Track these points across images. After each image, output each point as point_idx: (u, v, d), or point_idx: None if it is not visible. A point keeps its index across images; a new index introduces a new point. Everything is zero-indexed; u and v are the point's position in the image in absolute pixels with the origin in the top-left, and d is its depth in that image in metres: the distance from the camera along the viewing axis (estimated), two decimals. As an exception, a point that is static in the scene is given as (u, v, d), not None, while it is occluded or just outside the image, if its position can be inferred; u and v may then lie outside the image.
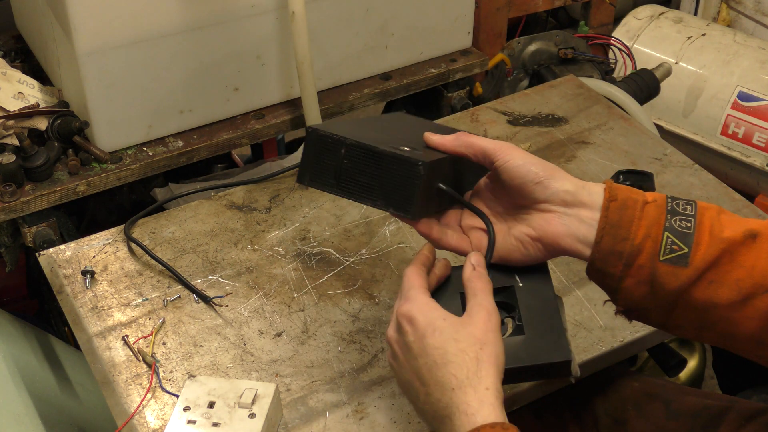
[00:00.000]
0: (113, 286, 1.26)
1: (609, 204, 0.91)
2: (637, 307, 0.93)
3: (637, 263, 0.90)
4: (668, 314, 0.92)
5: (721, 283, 0.88)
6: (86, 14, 1.36)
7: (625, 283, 0.91)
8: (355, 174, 0.92)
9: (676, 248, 0.89)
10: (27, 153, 1.41)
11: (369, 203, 0.92)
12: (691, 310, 0.91)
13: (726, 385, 1.47)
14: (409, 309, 0.87)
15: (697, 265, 0.88)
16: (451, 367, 0.83)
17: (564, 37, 2.04)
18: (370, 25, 1.64)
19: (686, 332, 0.95)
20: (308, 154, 0.93)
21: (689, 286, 0.89)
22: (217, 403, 1.03)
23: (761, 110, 2.14)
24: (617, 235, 0.90)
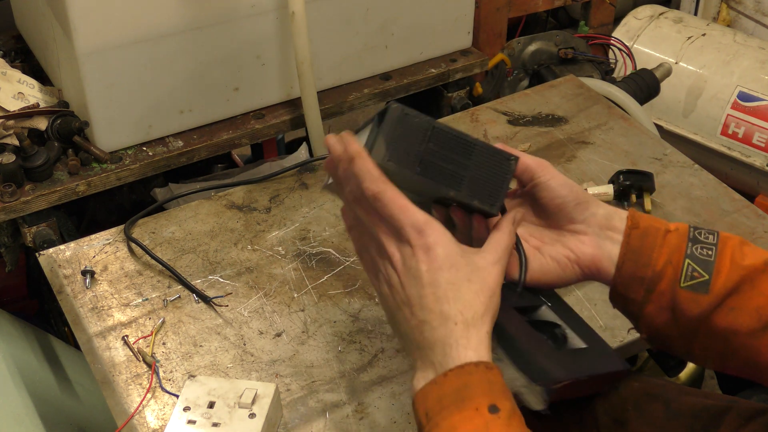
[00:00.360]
0: (113, 286, 1.26)
1: (631, 231, 0.93)
2: (660, 334, 0.95)
3: (658, 289, 0.91)
4: (691, 342, 0.93)
5: (742, 310, 0.89)
6: (86, 14, 1.36)
7: (646, 309, 0.93)
8: (440, 160, 0.87)
9: (697, 275, 0.90)
10: (27, 153, 1.41)
11: (452, 192, 0.88)
12: (713, 338, 0.92)
13: (726, 385, 1.47)
14: (426, 238, 0.83)
15: (717, 292, 0.89)
16: (460, 304, 0.83)
17: (564, 37, 2.04)
18: (370, 25, 1.64)
19: (712, 362, 0.96)
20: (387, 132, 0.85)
21: (710, 312, 0.90)
22: (217, 403, 1.03)
23: (761, 110, 2.14)
24: (638, 261, 0.92)
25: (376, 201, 0.84)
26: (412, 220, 0.83)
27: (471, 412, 0.79)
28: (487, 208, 0.89)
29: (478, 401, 0.80)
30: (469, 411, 0.79)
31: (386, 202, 0.84)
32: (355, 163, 0.84)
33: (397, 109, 0.85)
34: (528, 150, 1.51)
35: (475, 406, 0.79)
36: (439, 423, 0.80)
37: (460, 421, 0.79)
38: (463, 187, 0.88)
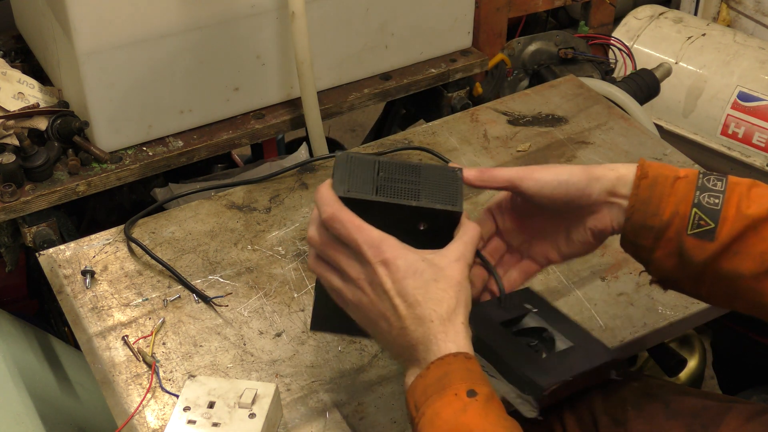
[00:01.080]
0: (113, 286, 1.26)
1: (640, 182, 0.96)
2: (669, 277, 0.98)
3: (666, 236, 0.95)
4: (698, 284, 0.97)
5: (746, 255, 0.93)
6: (86, 14, 1.36)
7: (655, 254, 0.96)
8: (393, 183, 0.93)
9: (704, 223, 0.93)
10: (27, 153, 1.41)
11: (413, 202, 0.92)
12: (719, 280, 0.95)
13: (726, 385, 1.47)
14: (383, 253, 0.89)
15: (723, 239, 0.92)
16: (432, 303, 0.88)
17: (564, 37, 2.04)
18: (370, 25, 1.64)
19: (720, 302, 1.00)
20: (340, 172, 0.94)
21: (716, 258, 0.93)
22: (217, 403, 1.03)
23: (761, 110, 2.14)
24: (647, 212, 0.95)
25: (333, 222, 0.90)
26: (367, 238, 0.89)
27: (451, 397, 0.84)
28: (450, 208, 0.93)
29: (457, 387, 0.85)
30: (449, 396, 0.84)
31: (343, 223, 0.89)
32: (319, 198, 0.91)
33: (342, 155, 0.94)
34: (528, 150, 1.51)
35: (454, 392, 0.85)
36: (425, 411, 0.85)
37: (441, 407, 0.84)
38: (421, 197, 0.92)
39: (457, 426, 0.83)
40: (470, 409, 0.84)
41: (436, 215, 0.93)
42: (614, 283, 1.26)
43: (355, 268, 0.90)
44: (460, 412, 0.84)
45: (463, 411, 0.84)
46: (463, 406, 0.84)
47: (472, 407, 0.84)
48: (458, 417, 0.84)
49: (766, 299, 0.94)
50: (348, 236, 0.89)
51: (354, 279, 0.91)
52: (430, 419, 0.85)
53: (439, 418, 0.84)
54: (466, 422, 0.83)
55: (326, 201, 0.91)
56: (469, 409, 0.84)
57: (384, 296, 0.89)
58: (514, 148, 1.51)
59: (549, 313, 1.07)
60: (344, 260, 0.91)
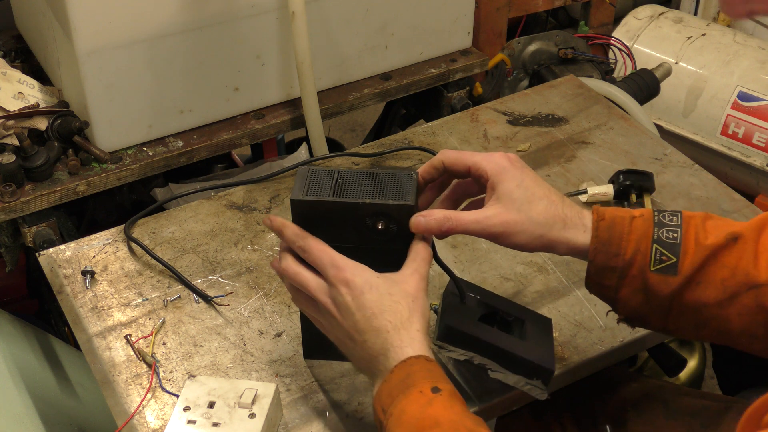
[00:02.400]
0: (113, 286, 1.26)
1: (598, 224, 0.98)
2: (636, 314, 1.00)
3: (630, 274, 0.97)
4: (665, 318, 0.98)
5: (708, 284, 0.95)
6: (86, 14, 1.36)
7: (621, 293, 0.98)
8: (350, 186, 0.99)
9: (665, 258, 0.95)
10: (27, 153, 1.41)
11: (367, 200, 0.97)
12: (685, 312, 0.97)
13: (726, 385, 1.47)
14: (344, 273, 0.94)
15: (685, 272, 0.95)
16: (387, 315, 0.92)
17: (564, 37, 2.04)
18: (370, 25, 1.64)
19: (686, 333, 1.01)
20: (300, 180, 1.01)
21: (680, 290, 0.95)
22: (217, 403, 1.03)
23: (761, 110, 2.14)
24: (609, 252, 0.97)
25: (303, 252, 0.97)
26: (331, 260, 0.95)
27: (416, 395, 0.88)
28: (403, 202, 0.97)
29: (421, 385, 0.88)
30: (415, 394, 0.88)
31: (309, 250, 0.96)
32: (283, 233, 0.99)
33: (304, 168, 1.02)
34: (528, 150, 1.51)
35: (419, 390, 0.88)
36: (392, 412, 0.88)
37: (407, 404, 0.87)
38: (376, 196, 0.97)
39: (423, 418, 0.86)
40: (435, 403, 0.87)
41: (390, 211, 0.97)
42: (614, 283, 1.25)
43: (323, 293, 0.96)
44: (426, 406, 0.87)
45: (429, 404, 0.87)
46: (428, 401, 0.87)
47: (437, 401, 0.87)
48: (424, 410, 0.87)
49: (731, 326, 0.96)
50: (315, 259, 0.96)
51: (323, 303, 0.96)
52: (398, 417, 0.87)
53: (405, 414, 0.87)
54: (433, 414, 0.86)
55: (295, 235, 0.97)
56: (434, 402, 0.87)
57: (347, 313, 0.94)
58: (514, 148, 1.51)
59: (489, 297, 1.12)
60: (314, 287, 0.96)
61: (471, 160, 1.00)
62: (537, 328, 1.10)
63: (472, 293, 1.10)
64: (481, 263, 1.29)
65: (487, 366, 1.05)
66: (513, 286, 1.25)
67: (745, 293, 0.94)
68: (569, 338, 1.17)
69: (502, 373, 1.05)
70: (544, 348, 1.08)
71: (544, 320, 1.13)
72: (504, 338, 1.07)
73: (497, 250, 1.31)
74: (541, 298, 1.23)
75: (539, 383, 1.05)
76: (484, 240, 1.15)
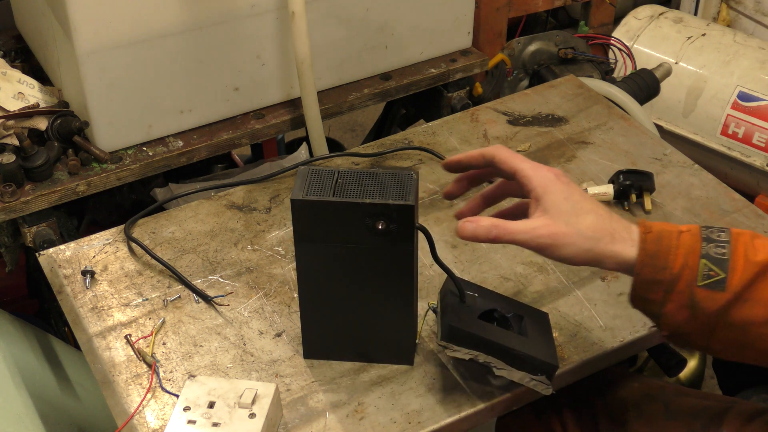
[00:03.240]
0: (113, 286, 1.26)
1: (645, 236, 0.96)
2: (680, 331, 0.98)
3: (677, 289, 0.95)
4: (709, 336, 0.97)
5: (757, 302, 0.93)
6: (86, 14, 1.36)
7: (666, 308, 0.96)
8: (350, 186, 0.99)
9: (713, 274, 0.94)
10: (27, 153, 1.41)
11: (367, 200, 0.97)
12: (730, 330, 0.95)
13: (726, 385, 1.47)
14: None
15: (733, 288, 0.93)
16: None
17: (564, 37, 2.04)
18: (370, 25, 1.64)
19: (731, 354, 0.99)
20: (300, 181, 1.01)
21: (727, 307, 0.94)
22: (217, 403, 1.03)
23: (761, 110, 2.14)
24: (656, 265, 0.95)
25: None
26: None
27: None
28: (403, 202, 0.97)
29: None
30: None
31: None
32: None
33: (304, 168, 1.02)
34: (528, 150, 1.51)
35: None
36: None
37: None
38: (376, 196, 0.97)
39: None
40: None
41: (391, 210, 0.97)
42: (614, 283, 1.25)
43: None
44: None
45: None
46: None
47: None
48: None
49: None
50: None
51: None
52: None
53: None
54: None
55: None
56: None
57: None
58: (515, 148, 1.51)
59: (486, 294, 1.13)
60: None
61: (520, 165, 1.00)
62: (536, 324, 1.10)
63: (469, 291, 1.10)
64: (481, 263, 1.29)
65: (491, 364, 1.05)
66: (513, 286, 1.25)
67: None
68: (569, 338, 1.17)
69: (507, 371, 1.05)
70: (546, 343, 1.08)
71: (541, 315, 1.13)
72: (506, 336, 1.07)
73: (497, 250, 1.31)
74: (541, 298, 1.23)
75: (543, 378, 1.05)
76: (485, 240, 1.14)
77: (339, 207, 0.98)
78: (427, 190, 1.42)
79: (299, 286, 1.08)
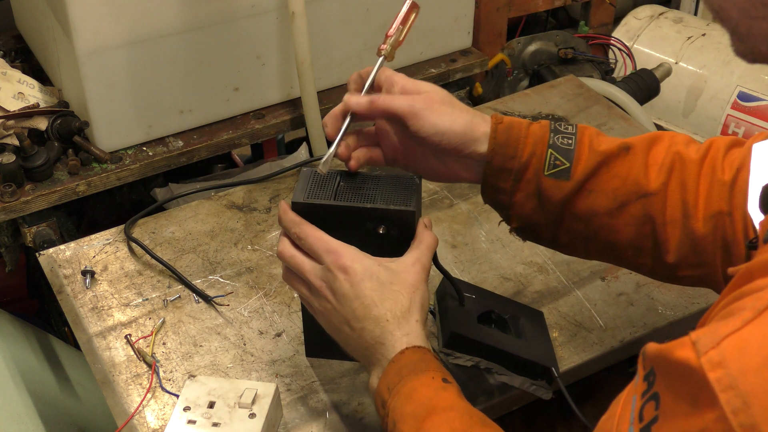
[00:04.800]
0: (113, 286, 1.26)
1: (497, 126, 0.99)
2: (529, 222, 1.01)
3: (525, 178, 0.99)
4: (556, 228, 1.00)
5: (600, 192, 0.97)
6: (86, 14, 1.36)
7: (515, 197, 1.00)
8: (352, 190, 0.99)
9: (559, 163, 0.97)
10: (27, 153, 1.41)
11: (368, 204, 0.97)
12: (576, 221, 0.99)
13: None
14: (342, 259, 0.93)
15: (577, 177, 0.97)
16: (387, 304, 0.92)
17: (564, 37, 2.04)
18: (370, 25, 1.64)
19: (576, 247, 1.03)
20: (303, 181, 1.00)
21: (572, 196, 0.98)
22: (217, 403, 1.03)
23: (761, 110, 2.14)
24: (506, 154, 0.98)
25: (300, 239, 0.96)
26: (327, 246, 0.94)
27: (428, 379, 0.88)
28: (403, 208, 0.97)
29: (434, 372, 0.89)
30: (427, 378, 0.88)
31: (305, 237, 0.95)
32: (281, 219, 0.98)
33: (307, 169, 1.02)
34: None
35: (431, 376, 0.88)
36: (400, 390, 0.88)
37: (419, 385, 0.87)
38: (377, 201, 0.97)
39: (437, 398, 0.86)
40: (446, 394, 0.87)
41: (391, 216, 0.97)
42: (614, 283, 1.26)
43: (318, 277, 0.95)
44: (439, 390, 0.87)
45: (443, 389, 0.87)
46: (441, 386, 0.88)
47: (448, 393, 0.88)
48: (438, 393, 0.87)
49: (619, 236, 0.98)
50: (311, 247, 0.95)
51: (318, 288, 0.95)
52: (407, 395, 0.87)
53: (417, 392, 0.87)
54: (447, 398, 0.87)
55: (291, 222, 0.96)
56: (446, 394, 0.87)
57: (344, 300, 0.93)
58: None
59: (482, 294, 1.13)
60: (308, 270, 0.95)
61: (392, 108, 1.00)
62: (533, 325, 1.10)
63: (466, 293, 1.10)
64: (481, 263, 1.29)
65: (493, 369, 1.05)
66: (513, 286, 1.25)
67: (634, 202, 0.97)
68: (569, 338, 1.17)
69: (508, 376, 1.06)
70: (545, 347, 1.08)
71: (536, 314, 1.13)
72: (506, 340, 1.07)
73: (497, 250, 1.31)
74: (541, 298, 1.23)
75: (543, 383, 1.06)
76: (484, 240, 1.15)
77: (340, 211, 0.97)
78: (427, 190, 1.42)
79: None
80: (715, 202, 0.94)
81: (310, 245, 0.95)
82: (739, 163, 0.94)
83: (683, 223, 0.96)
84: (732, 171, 0.94)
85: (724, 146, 0.97)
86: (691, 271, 0.98)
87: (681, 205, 0.96)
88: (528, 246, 1.31)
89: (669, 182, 0.96)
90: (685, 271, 0.98)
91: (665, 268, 1.00)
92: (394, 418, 0.87)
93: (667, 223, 0.96)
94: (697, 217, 0.95)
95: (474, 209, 1.38)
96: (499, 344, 1.05)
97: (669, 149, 0.98)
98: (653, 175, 0.97)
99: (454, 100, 1.00)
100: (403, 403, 0.87)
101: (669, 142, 0.99)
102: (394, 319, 0.91)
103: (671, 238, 0.96)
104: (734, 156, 0.96)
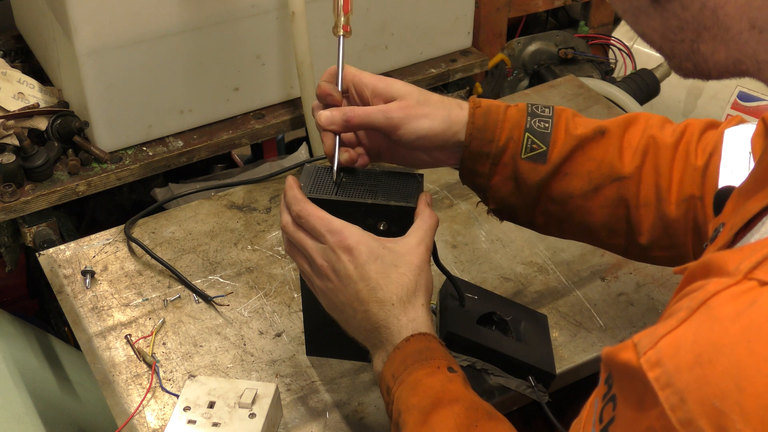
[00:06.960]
0: (113, 286, 1.26)
1: (474, 111, 1.00)
2: (506, 204, 1.03)
3: (502, 161, 1.00)
4: (533, 209, 1.02)
5: (575, 175, 0.99)
6: (86, 14, 1.36)
7: (493, 180, 1.02)
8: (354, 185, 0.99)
9: (536, 147, 0.99)
10: (27, 153, 1.41)
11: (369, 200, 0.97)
12: (551, 203, 1.01)
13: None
14: (346, 240, 0.92)
15: (554, 161, 0.99)
16: (392, 287, 0.91)
17: (564, 37, 2.04)
18: (370, 25, 1.64)
19: (551, 228, 1.05)
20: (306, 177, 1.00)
21: (548, 179, 0.99)
22: (217, 403, 1.03)
23: (761, 110, 2.14)
24: (483, 138, 0.99)
25: (300, 218, 0.94)
26: (330, 226, 0.92)
27: (434, 368, 0.87)
28: (404, 204, 0.97)
29: (440, 361, 0.88)
30: (432, 367, 0.87)
31: (307, 216, 0.94)
32: (285, 193, 0.96)
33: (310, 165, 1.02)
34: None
35: (436, 365, 0.88)
36: (405, 379, 0.87)
37: (424, 375, 0.87)
38: (378, 196, 0.97)
39: (444, 391, 0.86)
40: (453, 384, 0.87)
41: (392, 212, 0.97)
42: (614, 283, 1.26)
43: (320, 256, 0.93)
44: (446, 381, 0.87)
45: (449, 381, 0.87)
46: (447, 377, 0.87)
47: (454, 382, 0.87)
48: (445, 384, 0.86)
49: (594, 218, 1.00)
50: (313, 227, 0.93)
51: (320, 266, 0.94)
52: (412, 385, 0.87)
53: (422, 383, 0.87)
54: (453, 390, 0.86)
55: (294, 200, 0.95)
56: (453, 380, 0.87)
57: (348, 281, 0.92)
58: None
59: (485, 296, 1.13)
60: (311, 247, 0.94)
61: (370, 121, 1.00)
62: (534, 328, 1.10)
63: (469, 293, 1.10)
64: (481, 263, 1.29)
65: (489, 371, 1.05)
66: (513, 286, 1.25)
67: (608, 185, 0.99)
68: (569, 338, 1.17)
69: (504, 378, 1.06)
70: (544, 350, 1.08)
71: (540, 317, 1.13)
72: (505, 342, 1.07)
73: (497, 250, 1.31)
74: (541, 298, 1.23)
75: (540, 387, 1.06)
76: (484, 240, 1.15)
77: (341, 206, 0.97)
78: (427, 190, 1.42)
79: (302, 284, 1.07)
80: (687, 187, 0.97)
81: (312, 225, 0.94)
82: (711, 148, 0.97)
83: (656, 206, 0.98)
84: (705, 156, 0.97)
85: (699, 129, 0.99)
86: (663, 252, 1.01)
87: (654, 188, 0.98)
88: (528, 246, 1.32)
89: (643, 166, 0.98)
90: (658, 252, 1.01)
91: (638, 249, 1.02)
92: (399, 407, 0.87)
93: (640, 206, 0.98)
94: (670, 200, 0.97)
95: (474, 209, 1.38)
96: (496, 346, 1.05)
97: (644, 132, 1.00)
98: (628, 158, 0.99)
99: (428, 97, 1.00)
100: (409, 393, 0.87)
101: (644, 125, 1.01)
102: (399, 302, 0.91)
103: (644, 221, 0.99)
104: (708, 140, 0.98)
